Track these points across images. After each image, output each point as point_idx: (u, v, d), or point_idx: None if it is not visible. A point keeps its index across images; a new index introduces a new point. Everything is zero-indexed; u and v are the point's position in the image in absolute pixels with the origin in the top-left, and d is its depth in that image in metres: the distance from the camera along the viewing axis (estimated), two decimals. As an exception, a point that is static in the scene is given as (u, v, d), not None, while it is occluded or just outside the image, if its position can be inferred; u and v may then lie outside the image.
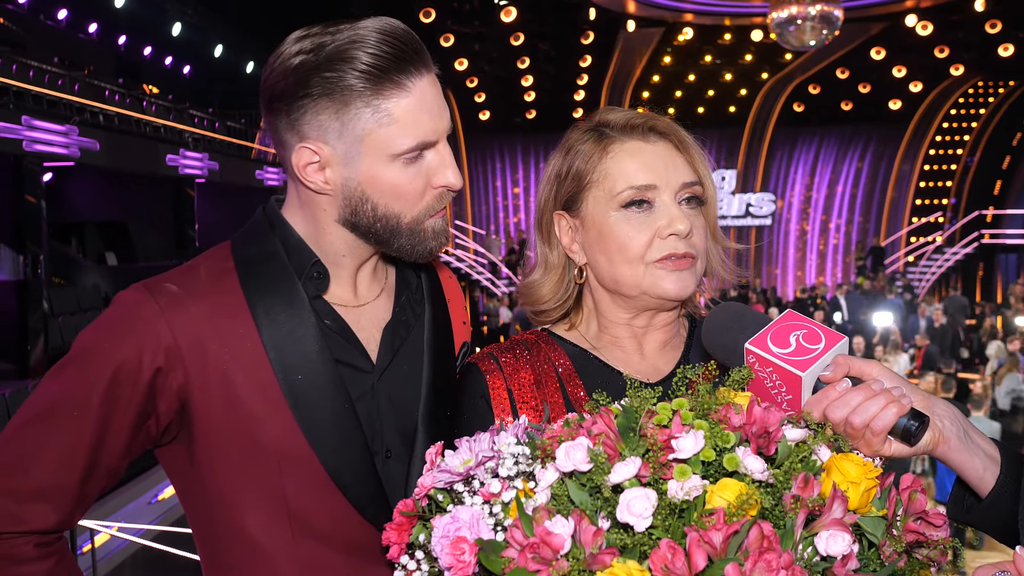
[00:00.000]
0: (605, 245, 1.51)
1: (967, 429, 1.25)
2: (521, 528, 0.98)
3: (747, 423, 1.05)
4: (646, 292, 1.51)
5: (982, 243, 22.78)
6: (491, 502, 1.06)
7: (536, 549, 0.95)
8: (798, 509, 0.97)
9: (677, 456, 0.99)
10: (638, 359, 1.58)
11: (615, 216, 1.50)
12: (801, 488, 0.99)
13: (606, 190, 1.51)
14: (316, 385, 1.44)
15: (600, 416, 1.07)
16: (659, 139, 1.53)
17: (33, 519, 1.35)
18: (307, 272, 1.48)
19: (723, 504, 0.95)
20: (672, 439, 1.00)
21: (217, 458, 1.43)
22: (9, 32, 15.40)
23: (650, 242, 1.48)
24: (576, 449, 1.02)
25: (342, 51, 1.36)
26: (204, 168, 17.05)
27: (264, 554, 1.45)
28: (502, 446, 1.12)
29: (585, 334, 1.61)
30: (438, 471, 1.14)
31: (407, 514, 1.17)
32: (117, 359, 1.36)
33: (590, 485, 1.01)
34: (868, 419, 1.18)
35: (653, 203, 1.49)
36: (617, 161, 1.52)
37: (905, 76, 24.18)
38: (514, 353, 1.57)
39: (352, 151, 1.40)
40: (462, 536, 1.02)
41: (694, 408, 1.06)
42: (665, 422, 1.03)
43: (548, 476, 1.04)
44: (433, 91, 1.43)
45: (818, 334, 1.25)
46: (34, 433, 1.37)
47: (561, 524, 0.96)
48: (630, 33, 23.29)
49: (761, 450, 1.04)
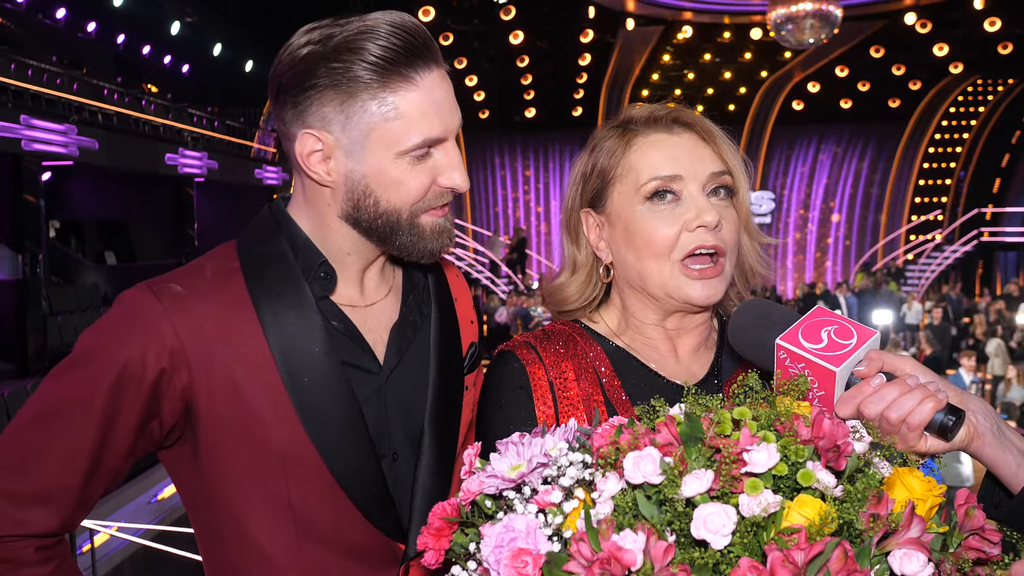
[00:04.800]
0: (631, 240, 1.48)
1: (1000, 425, 1.24)
2: (588, 542, 0.93)
3: (816, 436, 1.00)
4: (671, 295, 1.47)
5: (981, 241, 22.80)
6: (546, 511, 1.01)
7: (606, 565, 0.90)
8: (877, 528, 0.94)
9: (750, 470, 0.94)
10: (673, 362, 1.54)
11: (641, 209, 1.47)
12: (875, 505, 0.95)
13: (631, 183, 1.48)
14: (322, 387, 1.42)
15: (664, 425, 1.01)
16: (684, 130, 1.50)
17: (34, 522, 1.33)
18: (314, 272, 1.46)
19: (802, 521, 0.91)
20: (744, 451, 0.95)
21: (221, 460, 1.41)
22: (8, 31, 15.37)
23: (678, 236, 1.44)
24: (646, 461, 0.97)
25: (350, 42, 1.34)
26: (203, 167, 17.03)
27: (267, 557, 1.43)
28: (553, 451, 1.06)
29: (617, 332, 1.57)
30: (487, 476, 1.06)
31: (449, 520, 1.10)
32: (121, 360, 1.34)
33: (657, 498, 0.96)
34: (904, 414, 1.16)
35: (680, 195, 1.46)
36: (641, 153, 1.49)
37: (904, 74, 24.17)
38: (553, 345, 1.53)
39: (357, 144, 1.38)
40: (524, 548, 0.96)
41: (757, 418, 1.01)
42: (728, 431, 0.99)
43: (611, 486, 0.98)
44: (442, 87, 1.41)
45: (849, 329, 1.24)
46: (36, 435, 1.34)
47: (631, 539, 0.90)
48: (629, 31, 23.26)
49: (830, 464, 1.00)
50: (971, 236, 22.76)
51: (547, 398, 1.47)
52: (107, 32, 18.60)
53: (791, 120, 25.67)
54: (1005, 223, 23.32)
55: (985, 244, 22.93)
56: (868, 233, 25.54)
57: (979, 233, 22.76)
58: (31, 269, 12.23)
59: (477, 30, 22.42)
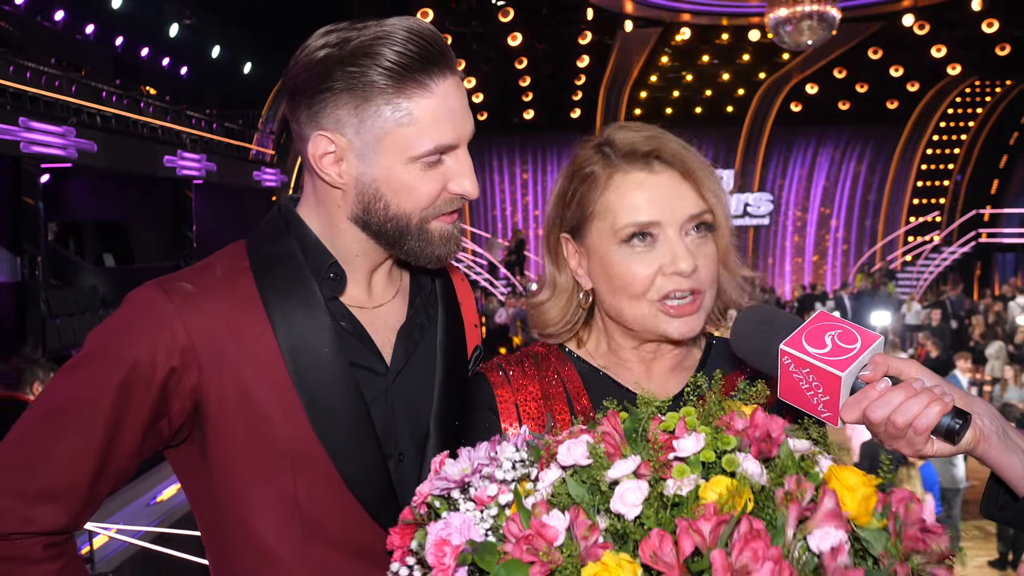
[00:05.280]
0: (608, 278, 1.49)
1: (1005, 427, 1.24)
2: (518, 522, 1.00)
3: (749, 427, 1.05)
4: (649, 331, 1.48)
5: (979, 242, 22.83)
6: (486, 507, 1.08)
7: (530, 541, 0.96)
8: (788, 503, 0.97)
9: (677, 455, 1.01)
10: (645, 380, 1.56)
11: (618, 252, 1.46)
12: (793, 487, 0.98)
13: (608, 223, 1.47)
14: (331, 387, 1.42)
15: (607, 418, 1.09)
16: (664, 168, 1.46)
17: (42, 520, 1.33)
18: (324, 273, 1.47)
19: (714, 498, 0.97)
20: (673, 440, 1.02)
21: (229, 459, 1.42)
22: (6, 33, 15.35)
23: (653, 278, 1.44)
24: (577, 445, 1.05)
25: (367, 47, 1.35)
26: (202, 169, 17.02)
27: (274, 557, 1.43)
28: (501, 453, 1.14)
29: (594, 352, 1.60)
30: (436, 479, 1.16)
31: (408, 522, 1.19)
32: (131, 359, 1.35)
33: (590, 482, 1.03)
34: (911, 418, 1.16)
35: (657, 238, 1.45)
36: (619, 194, 1.46)
37: (902, 76, 24.21)
38: (522, 366, 1.57)
39: (369, 148, 1.39)
40: (444, 539, 1.04)
41: (700, 417, 1.07)
42: (671, 428, 1.05)
43: (550, 475, 1.06)
44: (456, 94, 1.42)
45: (853, 334, 1.23)
46: (44, 433, 1.35)
47: (557, 517, 0.98)
48: (628, 33, 23.29)
49: (763, 454, 1.04)
50: (969, 237, 22.79)
51: (513, 418, 1.52)
52: (105, 34, 18.59)
53: (789, 121, 25.71)
54: (1003, 224, 23.34)
55: (983, 245, 22.97)
56: (867, 234, 25.57)
57: (977, 234, 22.79)
58: (30, 271, 12.21)
59: (475, 32, 22.43)
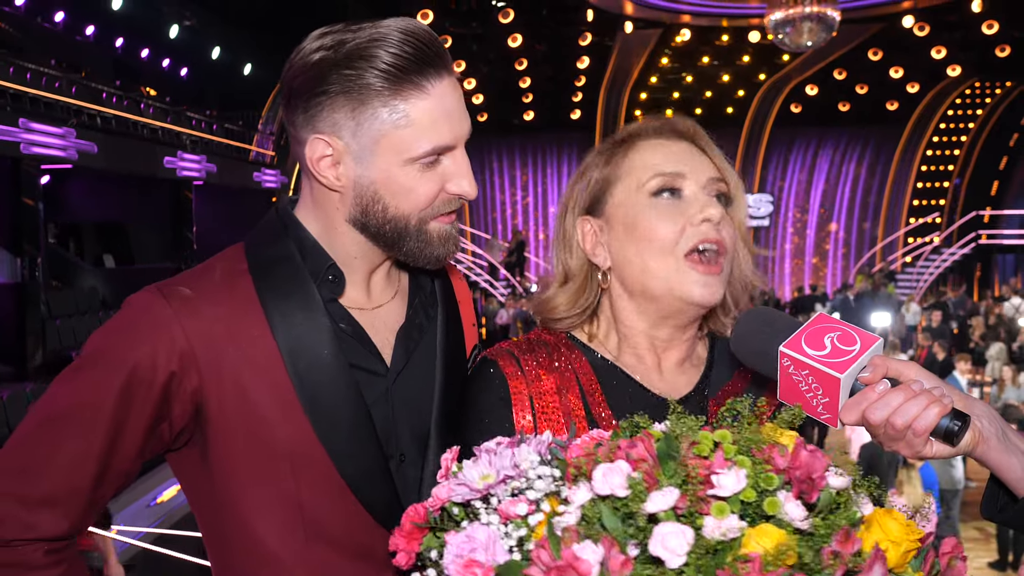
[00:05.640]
0: (634, 236, 1.48)
1: (1005, 429, 1.24)
2: (548, 549, 0.95)
3: (792, 466, 0.99)
4: (672, 291, 1.46)
5: (979, 243, 22.84)
6: (510, 522, 1.03)
7: (562, 573, 0.92)
8: (836, 566, 0.93)
9: (717, 493, 0.95)
10: (657, 376, 1.54)
11: (644, 205, 1.49)
12: (842, 543, 0.94)
13: (633, 181, 1.51)
14: (331, 388, 1.42)
15: (641, 440, 1.02)
16: (680, 138, 1.54)
17: (43, 526, 1.32)
18: (323, 275, 1.46)
19: (760, 551, 0.91)
20: (713, 474, 0.96)
21: (230, 461, 1.41)
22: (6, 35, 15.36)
23: (682, 231, 1.46)
24: (614, 473, 0.98)
25: (363, 49, 1.35)
26: (202, 170, 17.03)
27: (275, 559, 1.43)
28: (524, 463, 1.08)
29: (605, 343, 1.57)
30: (456, 484, 1.09)
31: (419, 525, 1.13)
32: (131, 363, 1.34)
33: (624, 511, 0.97)
34: (910, 420, 1.16)
35: (683, 191, 1.49)
36: (642, 154, 1.52)
37: (902, 77, 24.22)
38: (536, 357, 1.52)
39: (367, 150, 1.39)
40: (475, 560, 0.99)
41: (737, 442, 1.01)
42: (706, 453, 0.99)
43: (581, 496, 0.99)
44: (453, 95, 1.41)
45: (852, 336, 1.23)
46: (45, 438, 1.34)
47: (590, 550, 0.92)
48: (628, 34, 23.30)
49: (803, 495, 0.99)
50: (969, 239, 22.79)
51: (526, 411, 1.47)
52: (105, 35, 18.59)
53: (789, 123, 25.71)
54: (1003, 226, 23.35)
55: (983, 247, 22.97)
56: (867, 236, 25.57)
57: (977, 236, 22.80)
58: (30, 272, 12.22)
59: (475, 33, 22.44)
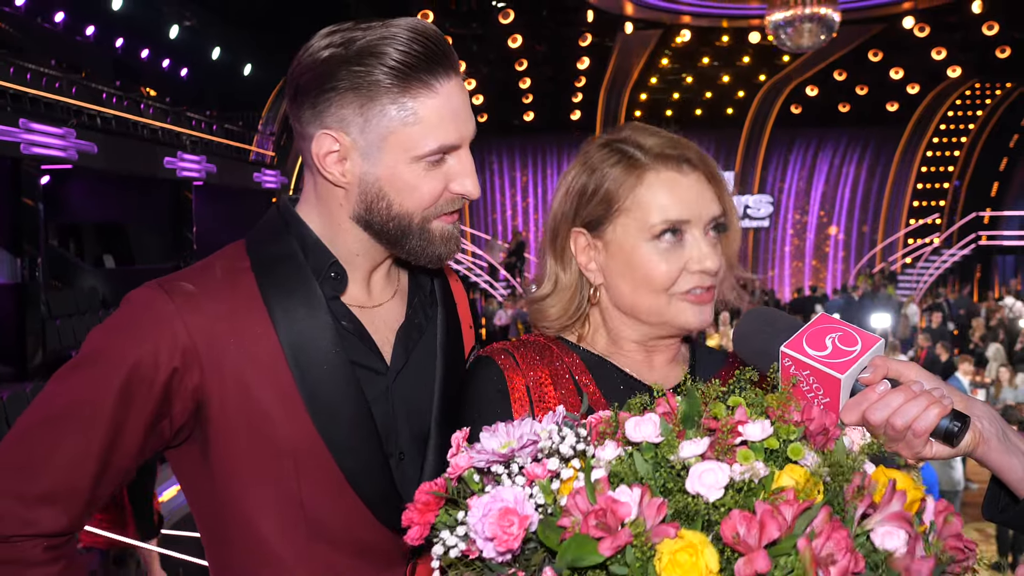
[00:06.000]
0: (631, 273, 1.51)
1: (1005, 430, 1.24)
2: (584, 495, 0.97)
3: (806, 419, 1.04)
4: (667, 322, 1.51)
5: (979, 245, 22.85)
6: (535, 483, 1.04)
7: (601, 516, 0.94)
8: (860, 497, 0.97)
9: (745, 439, 1.00)
10: (647, 370, 1.58)
11: (646, 247, 1.49)
12: (865, 484, 0.99)
13: (639, 219, 1.49)
14: (333, 385, 1.42)
15: (665, 400, 1.07)
16: (692, 170, 1.51)
17: (43, 522, 1.33)
18: (325, 272, 1.47)
19: (791, 484, 0.96)
20: (740, 424, 1.01)
21: (231, 460, 1.41)
22: (6, 35, 15.36)
23: (678, 274, 1.48)
24: (646, 423, 1.03)
25: (373, 46, 1.36)
26: (202, 170, 17.03)
27: (276, 558, 1.43)
28: (543, 432, 1.10)
29: (593, 344, 1.60)
30: (476, 452, 1.10)
31: (437, 494, 1.11)
32: (132, 359, 1.34)
33: (654, 460, 1.01)
34: (910, 421, 1.17)
35: (683, 236, 1.49)
36: (653, 192, 1.49)
37: (903, 78, 24.23)
38: (529, 352, 1.55)
39: (374, 147, 1.40)
40: (510, 508, 1.00)
41: (752, 404, 1.07)
42: (719, 415, 1.04)
43: (608, 453, 1.03)
44: (460, 95, 1.43)
45: (854, 336, 1.24)
46: (45, 435, 1.34)
47: (627, 493, 0.95)
48: (628, 35, 23.30)
49: (818, 449, 1.04)
50: (969, 240, 22.81)
51: (524, 402, 1.49)
52: (106, 36, 18.59)
53: (789, 124, 25.72)
54: (1003, 227, 23.37)
55: (983, 248, 22.98)
56: (867, 236, 25.58)
57: (977, 237, 22.81)
58: (30, 272, 12.21)
59: (475, 33, 22.45)
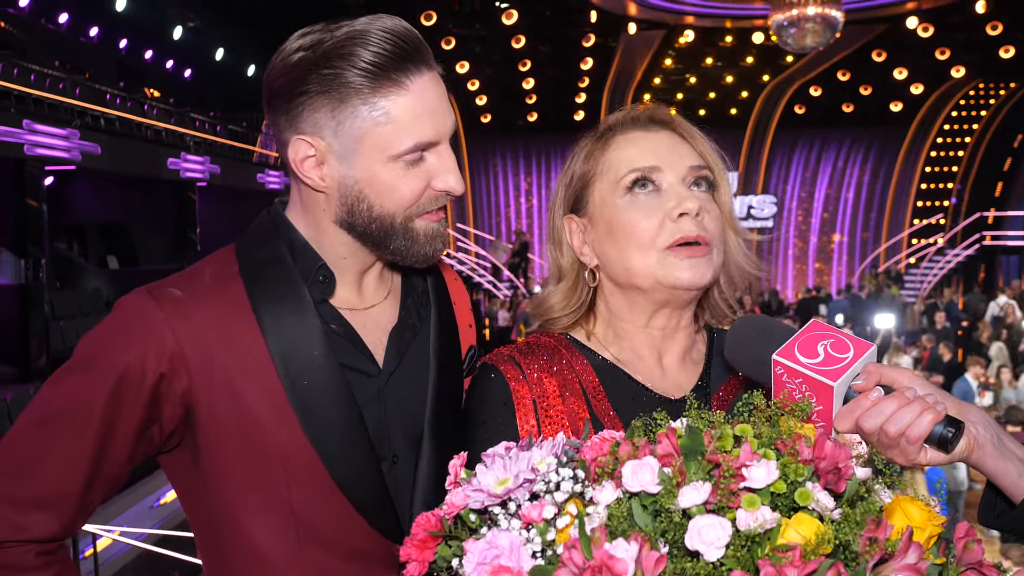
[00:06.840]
0: (614, 235, 1.47)
1: (1000, 435, 1.23)
2: (580, 549, 0.93)
3: (818, 457, 0.99)
4: (660, 281, 1.45)
5: (983, 245, 22.80)
6: (532, 527, 1.01)
7: (597, 573, 0.90)
8: (873, 552, 0.92)
9: (748, 485, 0.95)
10: (659, 374, 1.53)
11: (622, 202, 1.47)
12: (873, 530, 0.94)
13: (610, 179, 1.49)
14: (322, 391, 1.42)
15: (666, 436, 1.02)
16: (660, 128, 1.51)
17: (35, 527, 1.33)
18: (313, 276, 1.46)
19: (798, 539, 0.91)
20: (744, 467, 0.96)
21: (222, 464, 1.41)
22: (10, 36, 15.39)
23: (660, 225, 1.43)
24: (644, 470, 0.97)
25: (340, 48, 1.35)
26: (205, 171, 17.03)
27: (268, 561, 1.43)
28: (541, 465, 1.05)
29: (603, 341, 1.55)
30: (472, 490, 1.06)
31: (433, 533, 1.10)
32: (121, 365, 1.34)
33: (653, 508, 0.96)
34: (903, 427, 1.15)
35: (660, 185, 1.46)
36: (618, 149, 1.50)
37: (906, 78, 24.19)
38: (537, 360, 1.51)
39: (349, 149, 1.39)
40: (505, 566, 0.96)
41: (759, 435, 1.01)
42: (728, 447, 0.99)
43: (606, 495, 0.99)
44: (434, 90, 1.41)
45: (846, 343, 1.22)
46: (36, 440, 1.34)
47: (624, 547, 0.91)
48: (631, 35, 23.29)
49: (830, 486, 0.99)
50: (973, 240, 22.76)
51: (530, 416, 1.46)
52: (109, 37, 18.62)
53: (793, 124, 25.70)
54: (1007, 227, 23.31)
55: (987, 248, 22.93)
56: (870, 237, 25.53)
57: (981, 237, 22.76)
58: (33, 273, 12.22)
59: (479, 34, 22.46)
